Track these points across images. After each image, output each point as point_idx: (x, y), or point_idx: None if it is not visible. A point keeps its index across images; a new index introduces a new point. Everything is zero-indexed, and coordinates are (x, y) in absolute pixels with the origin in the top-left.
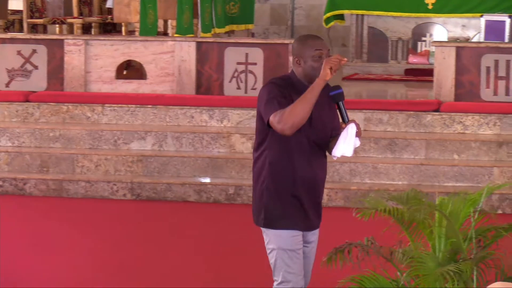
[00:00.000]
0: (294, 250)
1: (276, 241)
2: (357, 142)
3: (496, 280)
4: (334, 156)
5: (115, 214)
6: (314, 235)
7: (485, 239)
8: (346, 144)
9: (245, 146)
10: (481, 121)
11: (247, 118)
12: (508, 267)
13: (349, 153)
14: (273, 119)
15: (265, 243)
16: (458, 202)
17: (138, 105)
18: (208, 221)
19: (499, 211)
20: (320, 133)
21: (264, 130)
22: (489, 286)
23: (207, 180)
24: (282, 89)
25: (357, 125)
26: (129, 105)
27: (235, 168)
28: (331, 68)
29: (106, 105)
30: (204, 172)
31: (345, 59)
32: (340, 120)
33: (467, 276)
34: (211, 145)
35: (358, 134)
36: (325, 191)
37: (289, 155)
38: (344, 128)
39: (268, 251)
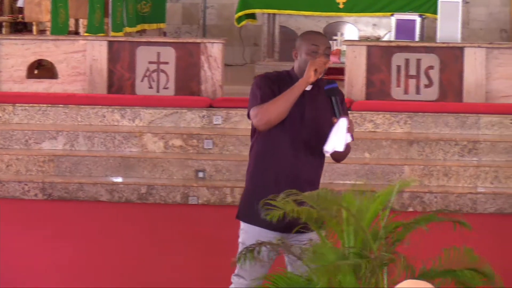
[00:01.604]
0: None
1: (241, 235)
2: (348, 138)
3: (406, 278)
4: (326, 152)
5: (27, 214)
6: (303, 238)
7: (394, 237)
8: (336, 138)
9: (157, 146)
10: (392, 119)
11: (159, 118)
12: (417, 265)
13: (340, 148)
14: (252, 113)
15: None
16: (366, 200)
17: (50, 105)
18: (120, 220)
19: (410, 209)
20: (313, 132)
21: (252, 125)
22: (398, 285)
23: (119, 179)
24: (271, 82)
25: (350, 121)
26: (40, 105)
27: (147, 167)
28: (315, 70)
29: (17, 104)
30: (116, 172)
31: (330, 61)
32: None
33: (377, 273)
34: (123, 145)
35: (350, 130)
36: (238, 189)
37: (273, 152)
38: (335, 123)
39: None
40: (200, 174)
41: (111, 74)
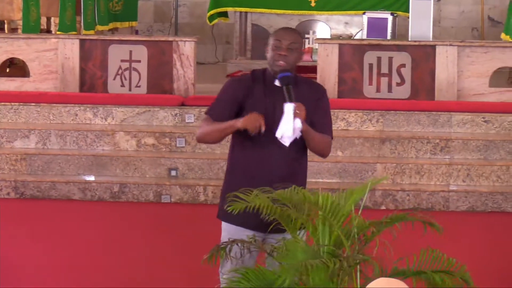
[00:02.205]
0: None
1: (222, 234)
2: (297, 123)
3: (380, 276)
4: (278, 138)
5: None
6: (280, 237)
7: (366, 236)
8: (284, 124)
9: (129, 144)
10: (364, 117)
11: (132, 116)
12: (389, 264)
13: (288, 133)
14: (202, 121)
15: None
16: (339, 199)
17: (21, 103)
18: (93, 219)
19: (383, 207)
20: None
21: None
22: (371, 284)
23: (91, 178)
24: (237, 87)
25: (298, 107)
26: (12, 103)
27: (119, 166)
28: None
29: None
30: (88, 170)
31: (263, 126)
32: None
33: (349, 272)
34: (95, 143)
35: (299, 116)
36: (211, 188)
37: (246, 149)
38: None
39: None
40: (173, 173)
41: (83, 72)
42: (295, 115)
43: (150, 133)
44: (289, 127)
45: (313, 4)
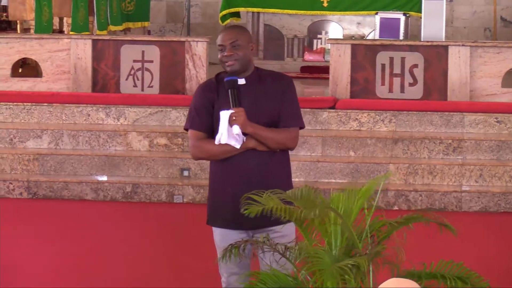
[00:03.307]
0: (223, 248)
1: (214, 238)
2: (235, 129)
3: (392, 276)
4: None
5: (12, 213)
6: (263, 233)
7: (379, 234)
8: (220, 131)
9: (142, 144)
10: (377, 118)
11: (144, 116)
12: (403, 263)
13: (224, 139)
14: (190, 139)
15: None
16: (350, 198)
17: (34, 103)
18: (105, 219)
19: (395, 208)
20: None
21: None
22: (383, 284)
23: (104, 178)
24: (205, 92)
25: (235, 113)
26: (25, 103)
27: (132, 166)
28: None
29: (1, 103)
30: (101, 170)
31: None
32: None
33: (363, 272)
34: (108, 143)
35: (235, 122)
36: None
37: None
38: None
39: None
40: (185, 173)
41: (96, 72)
42: (232, 121)
43: (162, 133)
44: (224, 134)
45: (325, 4)
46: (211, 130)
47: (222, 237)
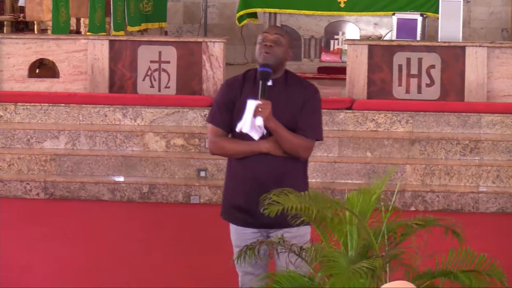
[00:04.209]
0: (238, 246)
1: (231, 236)
2: (258, 121)
3: (408, 278)
4: (246, 133)
5: (29, 214)
6: (279, 233)
7: (396, 236)
8: (244, 120)
9: (158, 145)
10: (394, 118)
11: (161, 117)
12: (419, 264)
13: (245, 129)
14: (208, 133)
15: None
16: (366, 198)
17: (51, 104)
18: (122, 219)
19: (412, 208)
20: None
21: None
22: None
23: (120, 178)
24: (229, 88)
25: (261, 105)
26: (42, 104)
27: (148, 166)
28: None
29: (18, 104)
30: (117, 171)
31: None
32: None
33: (379, 273)
34: (125, 144)
35: (260, 113)
36: None
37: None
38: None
39: None
40: (202, 173)
41: (113, 73)
42: (256, 112)
43: (179, 134)
44: (247, 124)
45: (342, 5)
46: (230, 127)
47: (237, 235)
